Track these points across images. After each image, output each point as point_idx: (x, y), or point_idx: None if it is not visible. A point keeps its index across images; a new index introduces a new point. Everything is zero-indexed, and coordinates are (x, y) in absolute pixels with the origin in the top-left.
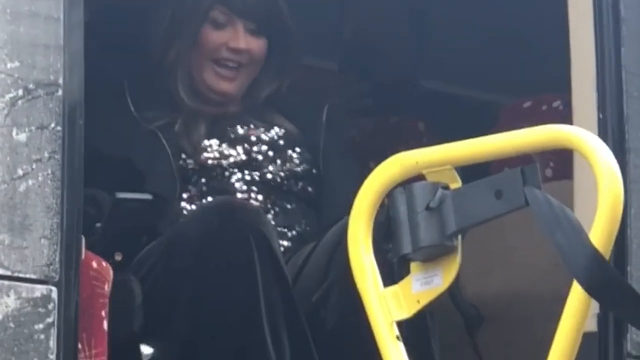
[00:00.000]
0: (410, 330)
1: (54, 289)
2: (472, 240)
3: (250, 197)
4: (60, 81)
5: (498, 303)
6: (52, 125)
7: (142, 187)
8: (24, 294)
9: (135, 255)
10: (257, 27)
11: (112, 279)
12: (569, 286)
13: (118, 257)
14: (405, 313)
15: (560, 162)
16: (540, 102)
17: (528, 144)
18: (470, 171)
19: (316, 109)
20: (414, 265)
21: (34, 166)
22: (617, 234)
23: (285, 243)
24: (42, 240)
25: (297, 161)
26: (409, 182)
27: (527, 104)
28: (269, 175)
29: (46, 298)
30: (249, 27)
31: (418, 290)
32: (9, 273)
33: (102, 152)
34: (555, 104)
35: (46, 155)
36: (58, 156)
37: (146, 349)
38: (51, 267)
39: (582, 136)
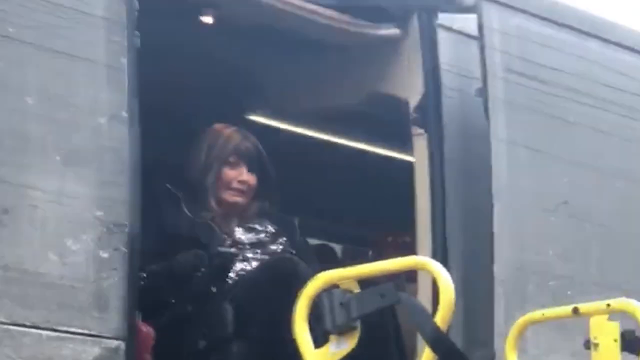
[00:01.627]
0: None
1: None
2: None
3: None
4: None
5: None
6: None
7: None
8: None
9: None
10: (253, 168)
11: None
12: None
13: (214, 289)
14: None
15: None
16: (397, 236)
17: (400, 266)
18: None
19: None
20: (331, 337)
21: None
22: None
23: None
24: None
25: (282, 245)
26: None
27: (389, 238)
28: (270, 250)
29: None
30: (249, 168)
31: (333, 351)
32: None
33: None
34: (407, 238)
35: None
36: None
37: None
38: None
39: (432, 263)
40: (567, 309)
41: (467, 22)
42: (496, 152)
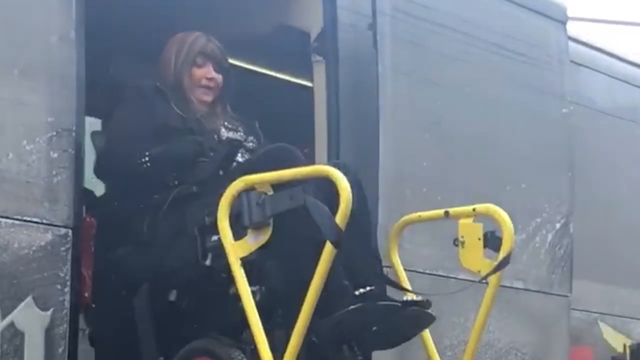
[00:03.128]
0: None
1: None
2: None
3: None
4: None
5: None
6: None
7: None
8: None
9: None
10: (218, 67)
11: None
12: None
13: (220, 172)
14: (244, 253)
15: None
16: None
17: (308, 173)
18: None
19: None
20: (249, 231)
21: None
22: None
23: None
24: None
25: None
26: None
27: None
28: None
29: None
30: (215, 67)
31: (252, 242)
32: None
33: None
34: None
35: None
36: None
37: None
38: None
39: (334, 171)
40: (439, 212)
41: None
42: (382, 77)
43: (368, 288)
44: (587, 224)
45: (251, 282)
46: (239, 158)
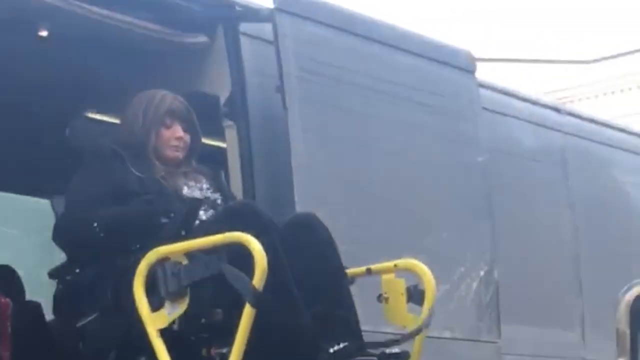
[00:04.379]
0: None
1: None
2: None
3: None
4: None
5: None
6: None
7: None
8: None
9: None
10: (186, 126)
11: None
12: None
13: (183, 232)
14: (162, 324)
15: None
16: None
17: (223, 240)
18: None
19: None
20: (167, 302)
21: None
22: None
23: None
24: None
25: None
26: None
27: None
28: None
29: None
30: (183, 126)
31: (169, 313)
32: None
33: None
34: None
35: None
36: None
37: None
38: None
39: (248, 238)
40: (361, 269)
41: (266, 29)
42: (294, 137)
43: (342, 345)
44: (512, 268)
45: (221, 344)
46: (203, 216)
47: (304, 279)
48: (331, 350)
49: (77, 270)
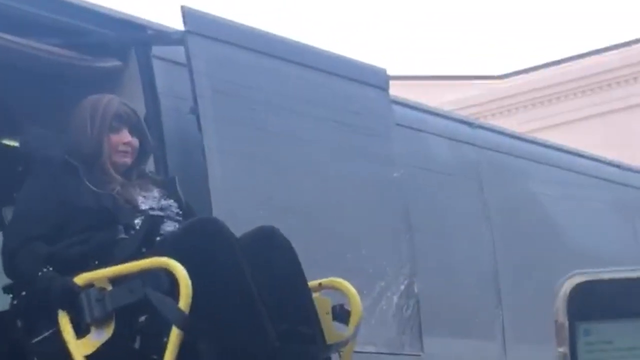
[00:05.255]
0: None
1: None
2: None
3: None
4: None
5: None
6: None
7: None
8: None
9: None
10: (133, 131)
11: None
12: None
13: (144, 250)
14: (88, 351)
15: None
16: None
17: (146, 265)
18: None
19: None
20: (92, 328)
21: None
22: None
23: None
24: None
25: (175, 203)
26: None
27: None
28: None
29: None
30: (130, 131)
31: (95, 339)
32: None
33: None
34: None
35: None
36: None
37: None
38: None
39: (171, 262)
40: None
41: (179, 51)
42: (210, 159)
43: None
44: (432, 281)
45: None
46: (162, 230)
47: (269, 294)
48: None
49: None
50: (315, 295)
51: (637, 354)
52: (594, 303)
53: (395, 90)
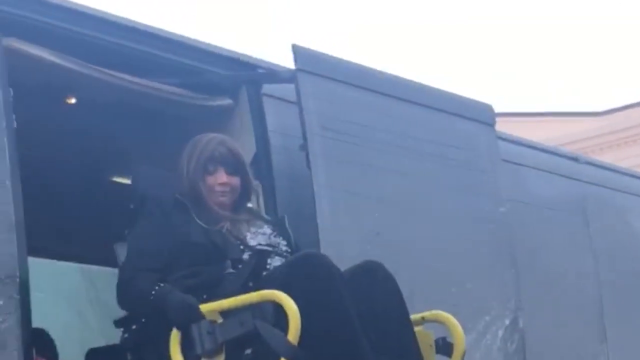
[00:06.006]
0: None
1: None
2: None
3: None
4: None
5: None
6: None
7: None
8: None
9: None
10: (232, 170)
11: None
12: None
13: (250, 284)
14: None
15: None
16: None
17: (256, 298)
18: None
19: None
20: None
21: None
22: None
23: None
24: None
25: (284, 241)
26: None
27: None
28: (275, 246)
29: None
30: (227, 171)
31: None
32: None
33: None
34: None
35: None
36: None
37: None
38: None
39: (280, 295)
40: None
41: (288, 90)
42: (318, 195)
43: None
44: (537, 316)
45: None
46: (270, 264)
47: (371, 327)
48: None
49: (143, 320)
50: (417, 328)
51: None
52: None
53: (501, 126)
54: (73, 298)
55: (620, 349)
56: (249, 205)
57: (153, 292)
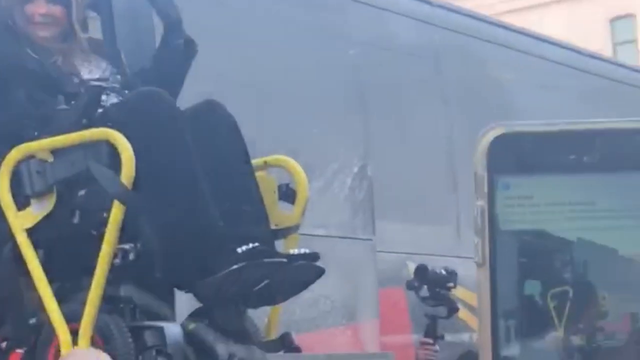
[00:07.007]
0: None
1: None
2: None
3: None
4: None
5: None
6: None
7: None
8: None
9: None
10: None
11: None
12: None
13: (84, 121)
14: (29, 224)
15: None
16: None
17: (88, 137)
18: None
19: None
20: (32, 200)
21: None
22: None
23: None
24: None
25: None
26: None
27: None
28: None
29: None
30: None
31: (36, 212)
32: None
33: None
34: None
35: None
36: None
37: None
38: None
39: (112, 133)
40: None
41: None
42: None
43: (251, 245)
44: (386, 164)
45: (123, 240)
46: (106, 102)
47: (211, 168)
48: (239, 251)
49: None
50: (260, 173)
51: (557, 209)
52: (513, 156)
53: None
54: None
55: (470, 198)
56: (83, 36)
57: None
